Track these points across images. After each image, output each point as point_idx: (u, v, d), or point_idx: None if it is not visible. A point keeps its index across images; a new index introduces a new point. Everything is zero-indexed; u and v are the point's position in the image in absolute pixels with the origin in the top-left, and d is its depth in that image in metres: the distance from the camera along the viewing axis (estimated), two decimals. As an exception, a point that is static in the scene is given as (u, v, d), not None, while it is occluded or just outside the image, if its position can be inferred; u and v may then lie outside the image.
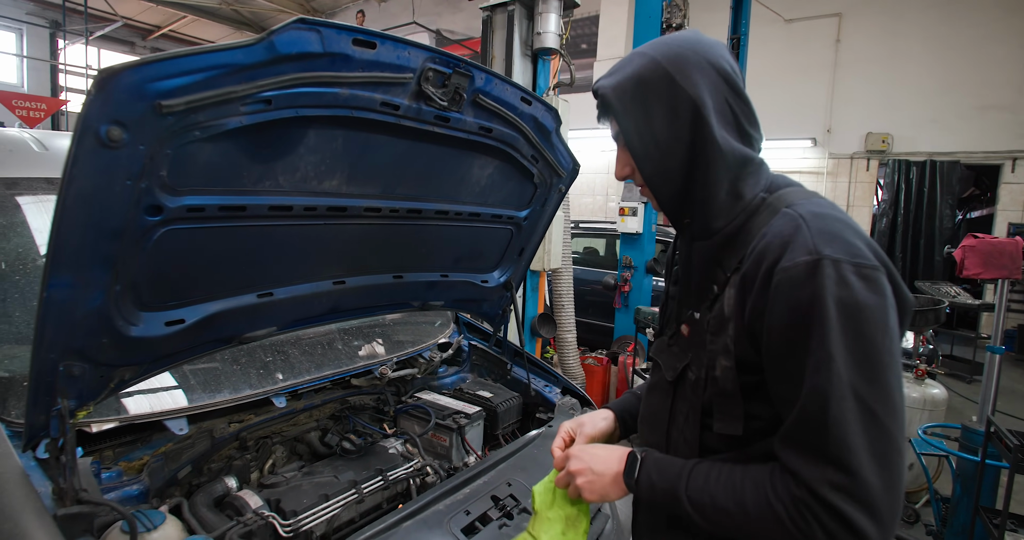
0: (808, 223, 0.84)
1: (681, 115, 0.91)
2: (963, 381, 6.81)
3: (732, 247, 0.94)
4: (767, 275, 0.83)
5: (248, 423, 1.83)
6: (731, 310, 0.91)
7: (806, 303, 0.79)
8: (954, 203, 8.85)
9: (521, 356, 2.44)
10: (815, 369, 0.78)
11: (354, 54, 1.17)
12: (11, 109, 9.45)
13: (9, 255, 1.63)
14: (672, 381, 1.04)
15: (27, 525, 1.03)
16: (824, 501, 0.77)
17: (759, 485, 0.84)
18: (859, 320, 0.78)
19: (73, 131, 0.94)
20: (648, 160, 0.95)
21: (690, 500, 0.89)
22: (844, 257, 0.79)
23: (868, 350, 0.78)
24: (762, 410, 0.90)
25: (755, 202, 0.94)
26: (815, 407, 0.78)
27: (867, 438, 0.76)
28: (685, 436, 1.01)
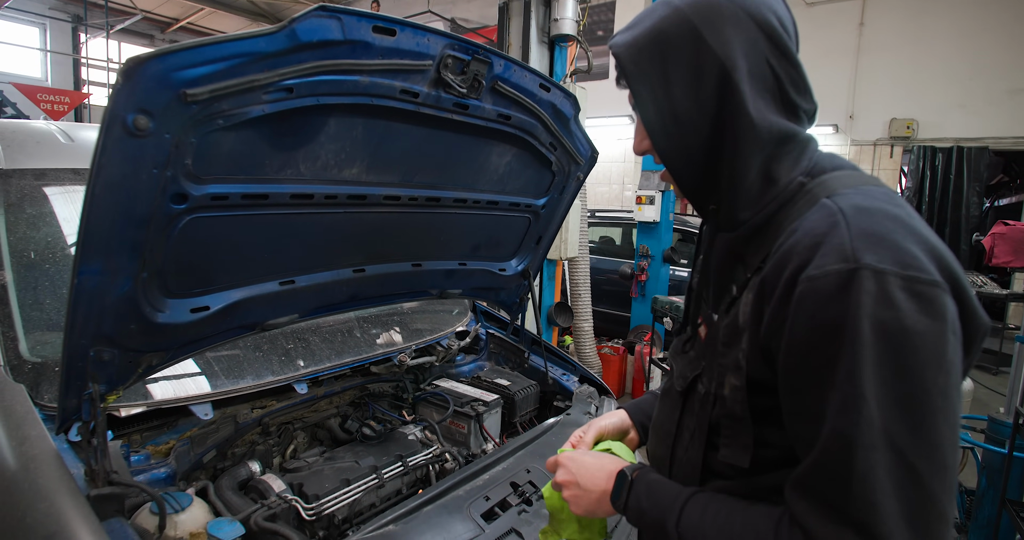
0: (848, 219, 0.66)
1: (706, 80, 0.74)
2: (989, 373, 6.70)
3: (758, 242, 0.78)
4: (789, 283, 0.66)
5: (271, 409, 1.86)
6: (746, 320, 0.75)
7: (835, 324, 0.62)
8: (981, 190, 8.65)
9: (539, 344, 2.44)
10: (841, 409, 0.62)
11: (374, 41, 1.17)
12: (36, 103, 9.61)
13: (39, 244, 1.67)
14: (682, 391, 0.90)
15: (62, 504, 1.06)
16: None
17: (762, 536, 0.70)
18: (904, 350, 0.60)
19: (101, 120, 0.95)
20: (664, 135, 0.78)
21: (681, 538, 0.77)
22: (891, 268, 0.61)
23: (914, 390, 0.61)
24: (776, 438, 0.75)
25: (791, 188, 0.77)
26: (838, 455, 0.62)
27: (902, 501, 0.60)
28: (689, 455, 0.87)
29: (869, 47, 9.25)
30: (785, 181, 0.78)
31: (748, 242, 0.80)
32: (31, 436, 1.19)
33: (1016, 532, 2.67)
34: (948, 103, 8.66)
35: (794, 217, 0.73)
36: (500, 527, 1.42)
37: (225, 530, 1.26)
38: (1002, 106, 8.30)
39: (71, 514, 1.04)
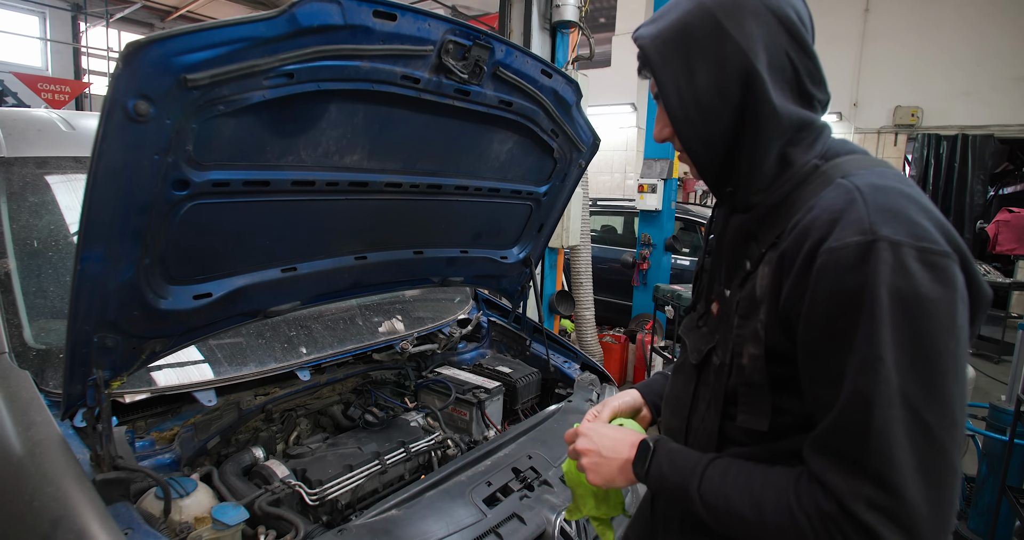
0: (865, 196, 0.70)
1: (729, 71, 0.78)
2: (991, 361, 6.70)
3: (772, 219, 0.82)
4: (810, 256, 0.71)
5: (273, 396, 1.88)
6: (764, 292, 0.79)
7: (854, 292, 0.67)
8: (986, 178, 8.62)
9: (540, 332, 2.45)
10: (860, 370, 0.67)
11: (374, 26, 1.16)
12: (37, 92, 9.57)
13: (42, 232, 1.67)
14: (696, 364, 0.95)
15: (68, 488, 1.07)
16: (857, 520, 0.67)
17: (782, 492, 0.74)
18: (919, 316, 0.65)
19: (102, 106, 0.95)
20: (688, 124, 0.83)
21: (703, 500, 0.80)
22: (906, 239, 0.66)
23: (927, 352, 0.66)
24: (792, 405, 0.79)
25: (806, 170, 0.81)
26: (856, 413, 0.67)
27: (916, 453, 0.65)
28: (706, 425, 0.91)
29: (874, 34, 9.17)
30: (800, 164, 0.82)
31: (762, 220, 0.84)
32: (37, 422, 1.21)
33: (1016, 518, 2.69)
34: (953, 90, 8.61)
35: (809, 196, 0.77)
36: (502, 512, 1.44)
37: (230, 514, 1.27)
38: (1008, 93, 8.24)
39: (78, 498, 1.06)
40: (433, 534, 1.31)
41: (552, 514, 1.46)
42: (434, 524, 1.34)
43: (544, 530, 1.43)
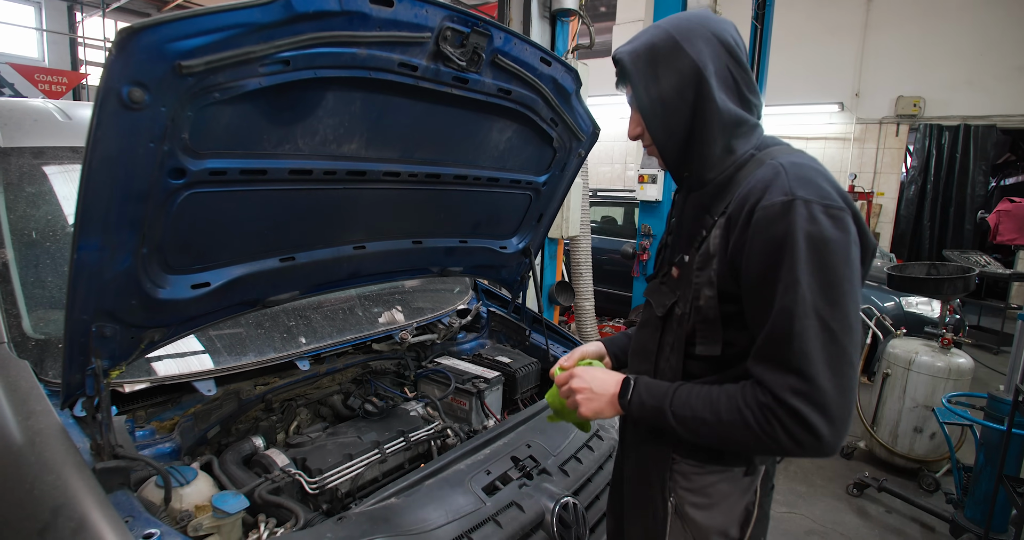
0: (787, 170, 0.97)
1: (686, 77, 1.02)
2: (990, 352, 6.71)
3: (720, 195, 1.07)
4: (749, 213, 0.96)
5: (273, 386, 1.88)
6: (715, 247, 1.03)
7: (780, 236, 0.91)
8: (987, 169, 8.58)
9: (540, 322, 2.45)
10: (784, 292, 0.90)
11: (371, 12, 1.15)
12: (34, 83, 9.52)
13: (39, 223, 1.66)
14: (662, 316, 1.16)
15: (69, 477, 1.07)
16: (786, 404, 0.90)
17: (731, 397, 0.98)
18: (825, 252, 0.90)
19: (96, 93, 0.94)
20: (655, 117, 1.07)
21: (674, 414, 1.02)
22: (815, 198, 0.92)
23: (831, 278, 0.90)
24: (738, 338, 1.04)
25: (745, 157, 1.07)
26: (782, 324, 0.90)
27: (825, 351, 0.89)
28: (671, 364, 1.14)
29: (877, 23, 9.10)
30: (741, 152, 1.08)
31: (713, 196, 1.09)
32: (37, 411, 1.21)
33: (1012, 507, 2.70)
34: (956, 80, 8.55)
35: (746, 176, 1.03)
36: (501, 500, 1.44)
37: (230, 503, 1.28)
38: (1011, 83, 8.19)
39: (78, 486, 1.06)
40: (432, 522, 1.32)
41: (551, 502, 1.47)
42: (433, 512, 1.35)
43: (543, 518, 1.44)
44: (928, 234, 9.01)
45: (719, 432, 0.98)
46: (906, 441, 3.67)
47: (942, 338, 3.65)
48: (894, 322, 4.42)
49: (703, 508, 1.13)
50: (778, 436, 0.91)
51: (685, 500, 1.14)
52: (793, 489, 3.56)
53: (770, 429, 0.92)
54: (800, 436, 0.90)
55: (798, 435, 0.90)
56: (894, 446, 3.72)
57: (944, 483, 3.56)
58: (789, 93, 9.44)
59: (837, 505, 3.41)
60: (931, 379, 3.54)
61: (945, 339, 3.63)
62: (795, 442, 0.91)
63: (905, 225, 9.18)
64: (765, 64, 6.17)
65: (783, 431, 0.91)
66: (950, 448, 3.21)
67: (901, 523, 3.25)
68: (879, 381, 3.81)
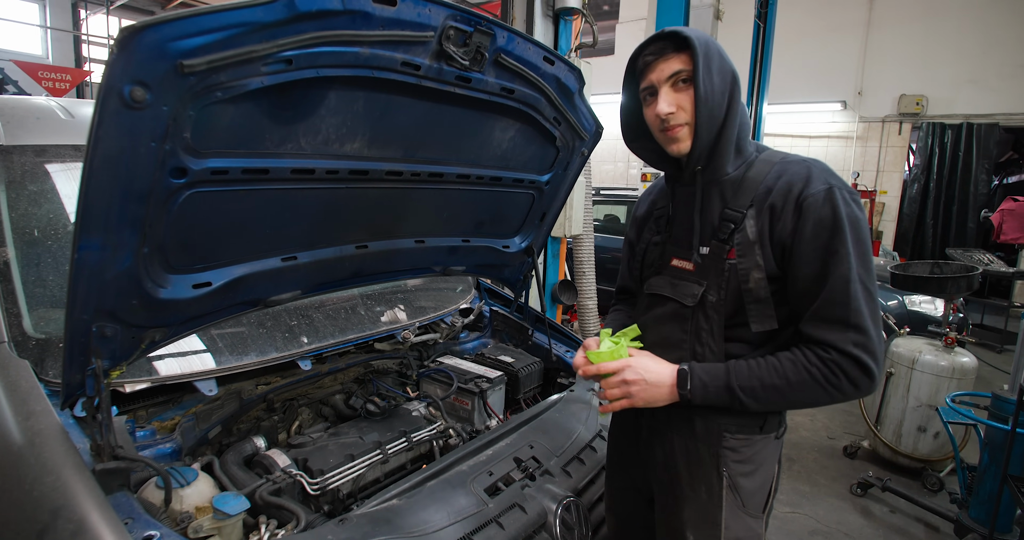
0: (812, 166, 1.16)
1: (727, 79, 1.17)
2: (993, 351, 6.69)
3: (738, 190, 1.21)
4: (796, 201, 1.12)
5: (275, 385, 1.87)
6: (755, 235, 1.16)
7: (828, 217, 1.09)
8: (990, 168, 8.55)
9: (542, 322, 2.44)
10: (839, 263, 1.08)
11: (374, 11, 1.14)
12: (37, 80, 9.50)
13: (41, 221, 1.66)
14: (692, 306, 1.25)
15: (68, 478, 1.07)
16: (851, 356, 1.08)
17: (794, 362, 1.12)
18: (858, 228, 1.10)
19: (97, 92, 0.93)
20: (706, 103, 1.15)
21: (741, 388, 1.14)
22: (843, 186, 1.13)
23: (865, 249, 1.10)
24: (780, 312, 1.18)
25: (751, 158, 1.24)
26: (841, 289, 1.08)
27: (869, 307, 1.09)
28: (711, 348, 1.23)
29: (879, 21, 9.07)
30: (747, 153, 1.25)
31: (734, 191, 1.22)
32: (36, 411, 1.20)
33: (1017, 507, 2.69)
34: (959, 79, 8.51)
35: (761, 173, 1.20)
36: (503, 501, 1.44)
37: (231, 504, 1.28)
38: (1014, 81, 8.15)
39: (77, 488, 1.06)
40: (434, 524, 1.31)
41: (553, 503, 1.46)
42: (435, 514, 1.34)
43: (545, 520, 1.43)
44: (931, 232, 8.99)
45: (788, 395, 1.13)
46: (910, 440, 3.66)
47: (946, 337, 3.63)
48: (898, 321, 4.40)
49: (750, 475, 1.25)
50: (842, 385, 1.09)
51: (736, 471, 1.24)
52: (797, 489, 3.55)
53: (836, 380, 1.09)
54: (861, 381, 1.08)
55: (859, 380, 1.08)
56: (898, 445, 3.71)
57: (948, 483, 3.54)
58: (792, 92, 9.42)
59: (841, 505, 3.40)
60: (935, 378, 3.52)
61: (949, 338, 3.61)
62: (855, 386, 1.09)
63: (908, 223, 9.16)
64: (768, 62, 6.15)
65: (847, 379, 1.08)
66: (954, 448, 3.20)
67: (905, 523, 3.24)
68: (883, 380, 3.80)
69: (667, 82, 1.18)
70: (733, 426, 1.23)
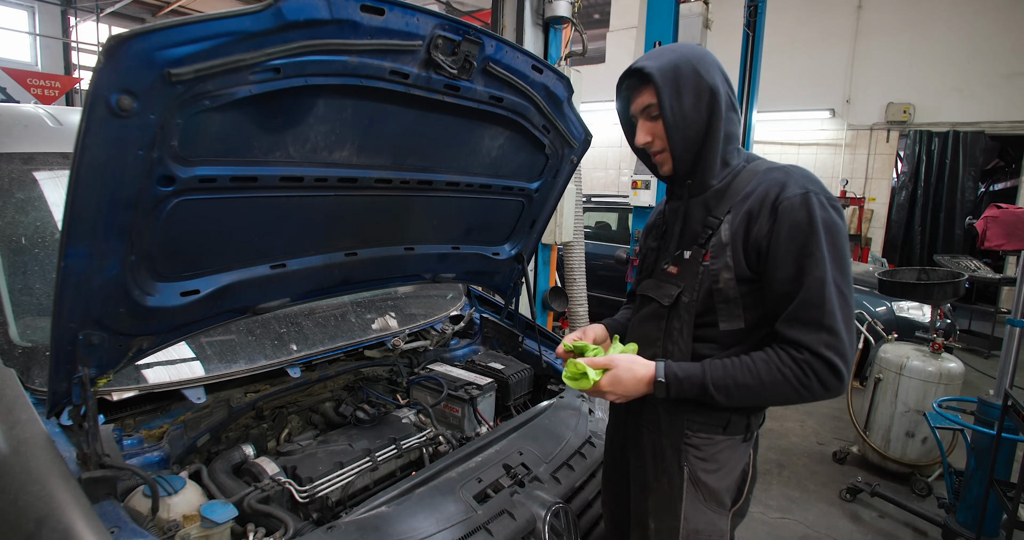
0: (792, 172, 1.20)
1: (703, 98, 1.21)
2: (980, 356, 6.75)
3: (721, 199, 1.27)
4: (773, 205, 1.16)
5: (264, 393, 1.87)
6: (729, 238, 1.21)
7: (803, 220, 1.13)
8: (977, 175, 8.65)
9: (532, 328, 2.45)
10: (814, 265, 1.11)
11: (362, 21, 1.15)
12: (26, 88, 9.46)
13: (28, 229, 1.65)
14: (668, 306, 1.32)
15: (53, 487, 1.06)
16: (822, 357, 1.11)
17: (767, 362, 1.16)
18: (834, 232, 1.13)
19: (84, 100, 0.94)
20: (676, 129, 1.23)
21: (715, 387, 1.18)
22: (820, 192, 1.16)
23: (841, 254, 1.14)
24: (748, 314, 1.23)
25: (738, 168, 1.28)
26: (816, 292, 1.11)
27: (842, 310, 1.12)
28: (679, 346, 1.30)
29: (867, 30, 9.18)
30: (734, 164, 1.30)
31: (716, 200, 1.27)
32: (22, 420, 1.19)
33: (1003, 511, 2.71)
34: (945, 87, 8.63)
35: (744, 183, 1.25)
36: (492, 508, 1.44)
37: (218, 512, 1.27)
38: (999, 90, 8.27)
39: (63, 497, 1.05)
40: (423, 531, 1.31)
41: (542, 510, 1.46)
42: (424, 521, 1.34)
43: (534, 526, 1.43)
44: (919, 239, 9.07)
45: (760, 393, 1.16)
46: (898, 446, 3.68)
47: (933, 343, 3.66)
48: (885, 327, 4.44)
49: (712, 472, 1.29)
50: (812, 385, 1.12)
51: (698, 467, 1.29)
52: (786, 494, 3.56)
53: (807, 380, 1.12)
54: (830, 381, 1.12)
55: (828, 381, 1.12)
56: (886, 451, 3.73)
57: (936, 487, 3.57)
58: (780, 100, 9.51)
59: (830, 510, 3.41)
60: (922, 384, 3.55)
61: (936, 344, 3.65)
62: (825, 387, 1.13)
63: (896, 230, 9.25)
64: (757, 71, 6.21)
65: (818, 380, 1.12)
66: (942, 453, 3.22)
67: (894, 528, 3.26)
68: (871, 386, 3.83)
69: (642, 115, 1.29)
70: (696, 424, 1.29)
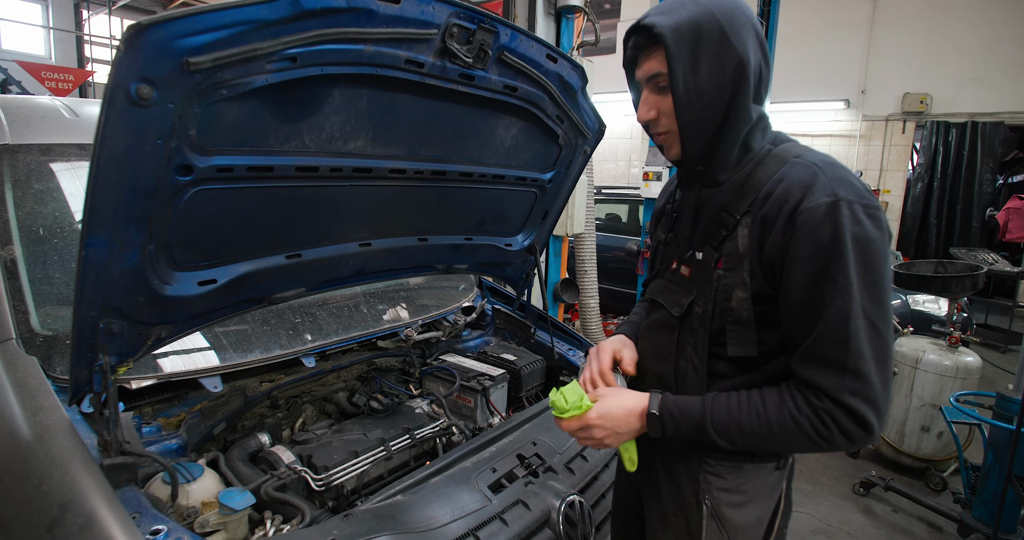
0: (821, 171, 0.94)
1: (727, 71, 0.96)
2: (998, 351, 6.67)
3: (740, 193, 1.03)
4: (790, 215, 0.93)
5: (279, 382, 1.88)
6: (745, 248, 0.99)
7: (828, 238, 0.89)
8: (995, 167, 8.52)
9: (545, 320, 2.45)
10: (838, 293, 0.89)
11: (378, 9, 1.15)
12: (41, 81, 9.55)
13: (47, 219, 1.67)
14: (679, 316, 1.12)
15: (77, 473, 1.08)
16: (845, 406, 0.90)
17: (778, 405, 0.96)
18: (868, 252, 0.90)
19: (104, 90, 0.94)
20: (689, 109, 0.99)
21: (716, 431, 0.99)
22: (856, 199, 0.91)
23: (874, 277, 0.90)
24: (769, 336, 1.01)
25: (762, 153, 1.04)
26: (838, 325, 0.90)
27: (873, 348, 0.90)
28: (694, 364, 1.09)
29: (883, 19, 9.04)
30: (757, 148, 1.05)
31: (733, 194, 1.05)
32: (45, 407, 1.21)
33: (1021, 507, 2.69)
34: (963, 77, 8.48)
35: (767, 174, 1.00)
36: (507, 498, 1.44)
37: (236, 499, 1.28)
38: (1019, 80, 8.12)
39: (86, 482, 1.07)
40: (438, 520, 1.32)
41: (557, 501, 1.46)
42: (439, 510, 1.35)
43: (549, 516, 1.44)
44: (935, 232, 8.96)
45: (769, 442, 0.98)
46: (913, 440, 3.66)
47: (949, 336, 3.63)
48: (901, 320, 4.40)
49: (739, 506, 1.10)
50: (834, 437, 0.92)
51: (721, 501, 1.10)
52: (799, 488, 3.55)
53: (827, 432, 0.92)
54: (854, 433, 0.91)
55: (853, 432, 0.91)
56: (901, 445, 3.70)
57: (951, 482, 3.54)
58: (794, 90, 9.40)
59: (843, 504, 3.40)
60: (938, 378, 3.52)
61: (952, 337, 3.61)
62: (848, 439, 0.92)
63: (912, 223, 9.14)
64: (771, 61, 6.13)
65: (839, 431, 0.92)
66: (958, 447, 3.19)
67: (908, 523, 3.24)
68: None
69: (648, 84, 1.04)
70: (717, 450, 1.08)
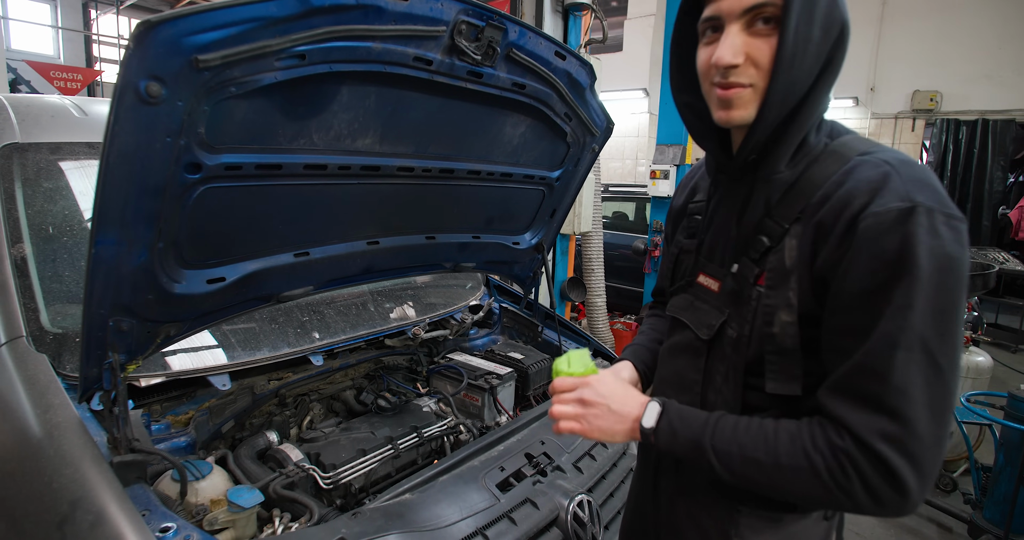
0: (898, 170, 0.77)
1: (832, 32, 0.81)
2: (1008, 351, 6.62)
3: (790, 195, 0.86)
4: (851, 220, 0.76)
5: (287, 380, 1.88)
6: (793, 262, 0.83)
7: (894, 249, 0.73)
8: (1006, 165, 8.44)
9: (552, 318, 2.44)
10: (890, 316, 0.73)
11: (387, 6, 1.14)
12: (49, 80, 9.61)
13: (56, 217, 1.68)
14: (708, 340, 0.96)
15: (87, 470, 1.08)
16: (871, 450, 0.72)
17: (794, 436, 0.79)
18: (945, 271, 0.72)
19: (114, 88, 0.94)
20: (792, 60, 0.78)
21: (715, 450, 0.83)
22: (936, 206, 0.73)
23: (946, 304, 0.73)
24: (815, 366, 0.83)
25: (818, 149, 0.87)
26: (881, 354, 0.73)
27: (928, 391, 0.72)
28: (725, 397, 0.93)
29: (893, 16, 8.97)
30: (814, 143, 0.88)
31: (782, 195, 0.88)
32: (55, 404, 1.22)
33: (1032, 507, 2.66)
34: (974, 74, 8.41)
35: (823, 174, 0.83)
36: (515, 497, 1.44)
37: (245, 497, 1.28)
38: (1031, 77, 8.04)
39: (96, 480, 1.07)
40: (447, 518, 1.31)
41: (565, 500, 1.46)
42: (447, 508, 1.35)
43: (557, 515, 1.43)
44: (944, 231, 8.88)
45: (774, 478, 0.80)
46: (922, 440, 3.63)
47: (960, 336, 3.60)
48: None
49: None
50: (853, 489, 0.74)
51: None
52: (807, 487, 3.53)
53: (844, 480, 0.75)
54: (881, 491, 0.73)
55: (879, 490, 0.73)
56: (910, 445, 3.67)
57: (962, 483, 3.51)
58: (803, 88, 9.33)
59: (851, 504, 3.38)
60: (948, 377, 3.49)
61: (964, 337, 3.58)
62: (873, 498, 0.74)
63: (921, 221, 9.05)
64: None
65: (860, 483, 0.74)
66: (968, 448, 3.17)
67: (917, 523, 3.22)
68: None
69: (741, 18, 0.81)
70: (751, 498, 0.92)
